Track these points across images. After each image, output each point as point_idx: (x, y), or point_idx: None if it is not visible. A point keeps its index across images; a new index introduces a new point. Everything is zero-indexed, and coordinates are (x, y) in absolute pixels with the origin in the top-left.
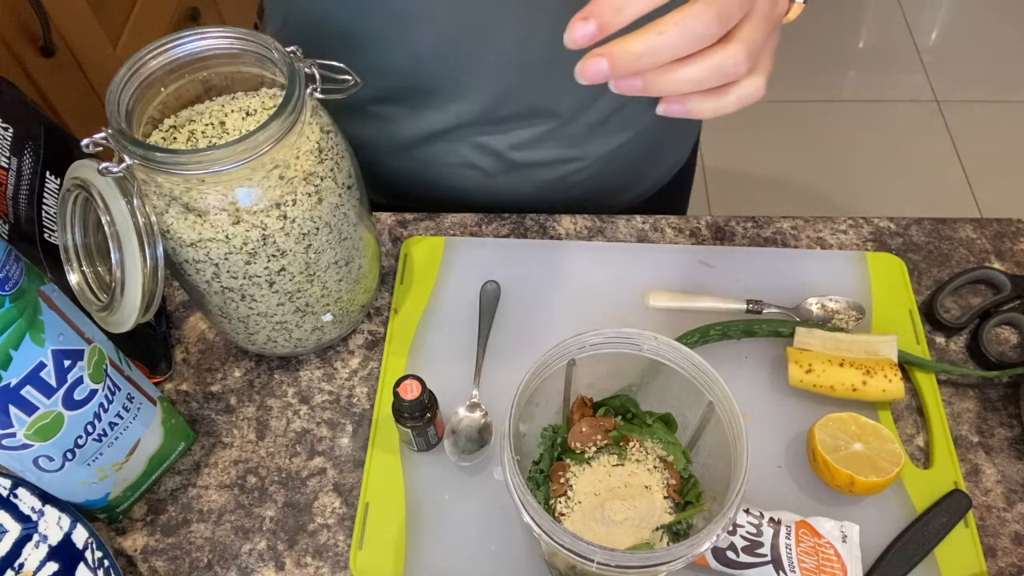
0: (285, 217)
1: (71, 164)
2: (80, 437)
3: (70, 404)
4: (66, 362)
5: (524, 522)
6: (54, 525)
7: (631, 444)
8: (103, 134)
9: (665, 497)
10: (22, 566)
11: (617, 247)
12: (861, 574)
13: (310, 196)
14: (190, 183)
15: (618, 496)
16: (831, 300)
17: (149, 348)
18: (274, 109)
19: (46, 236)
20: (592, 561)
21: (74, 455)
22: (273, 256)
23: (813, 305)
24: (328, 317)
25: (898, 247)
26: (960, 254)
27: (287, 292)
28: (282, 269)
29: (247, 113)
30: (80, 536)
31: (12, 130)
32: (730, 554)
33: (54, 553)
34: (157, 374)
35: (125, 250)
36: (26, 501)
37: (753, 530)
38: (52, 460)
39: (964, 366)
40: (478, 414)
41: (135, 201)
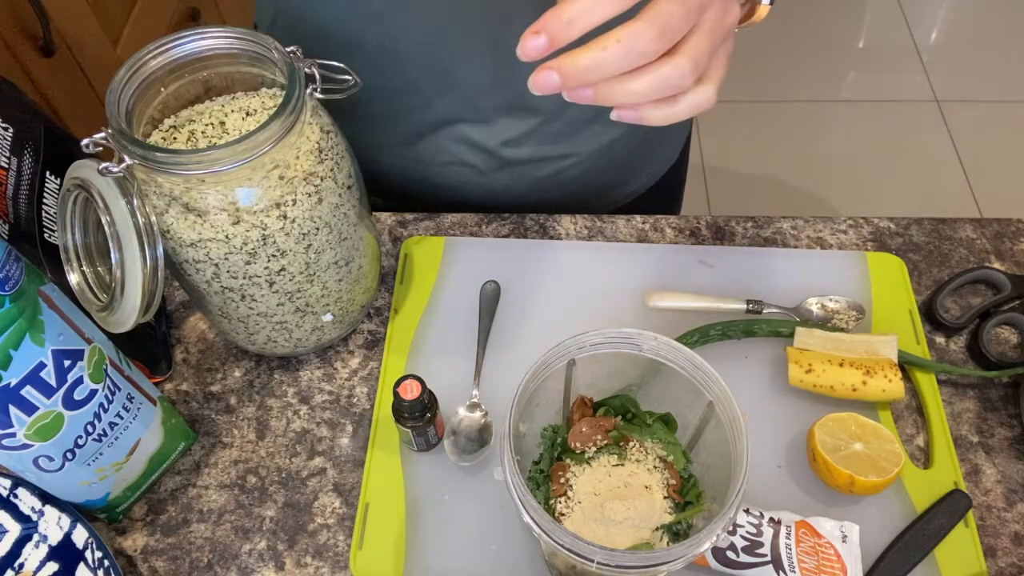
0: (285, 217)
1: (71, 164)
2: (80, 437)
3: (70, 404)
4: (66, 362)
5: (524, 522)
6: (54, 525)
7: (631, 444)
8: (103, 134)
9: (665, 497)
10: (22, 566)
11: (617, 247)
12: (861, 574)
13: (310, 196)
14: (190, 183)
15: (618, 496)
16: (831, 300)
17: (149, 348)
18: (274, 109)
19: (46, 236)
20: (592, 561)
21: (74, 455)
22: (273, 256)
23: (813, 305)
24: (328, 317)
25: (898, 247)
26: (960, 254)
27: (287, 292)
28: (282, 269)
29: (247, 113)
30: (80, 536)
31: (12, 130)
32: (730, 554)
33: (54, 553)
34: (157, 374)
35: (125, 250)
36: (26, 501)
37: (753, 530)
38: (52, 460)
39: (964, 366)
40: (478, 414)
41: (135, 201)
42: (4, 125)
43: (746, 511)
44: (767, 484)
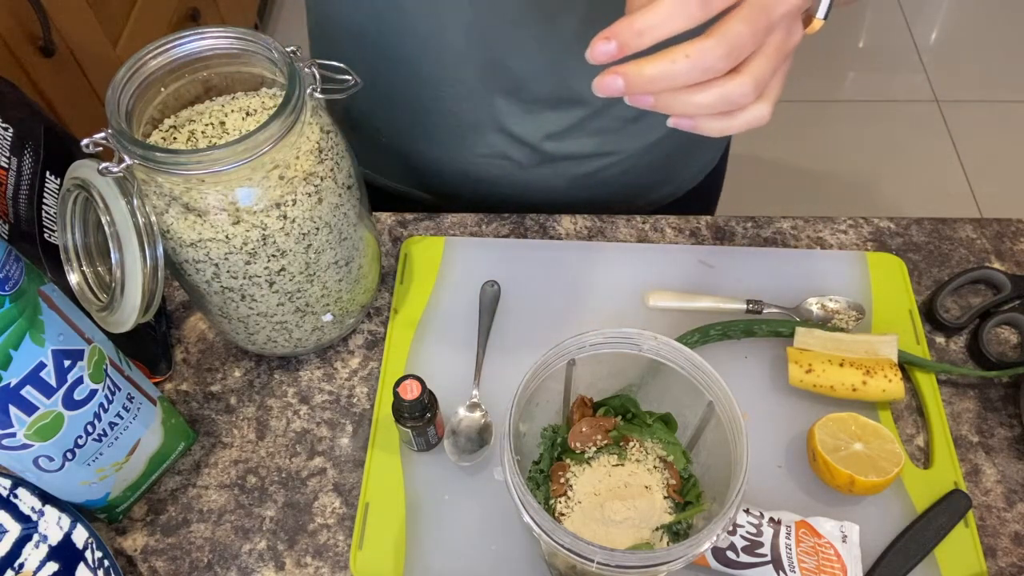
0: (285, 217)
1: (71, 164)
2: (80, 437)
3: (70, 404)
4: (66, 362)
5: (524, 522)
6: (54, 525)
7: (631, 444)
8: (103, 134)
9: (665, 497)
10: (22, 566)
11: (617, 247)
12: (861, 574)
13: (310, 196)
14: (190, 183)
15: (618, 496)
16: (831, 300)
17: (149, 348)
18: (274, 109)
19: (46, 236)
20: (592, 561)
21: (74, 455)
22: (273, 256)
23: (813, 305)
24: (328, 317)
25: (898, 247)
26: (960, 254)
27: (287, 292)
28: (282, 269)
29: (247, 113)
30: (80, 536)
31: (12, 130)
32: (730, 554)
33: (54, 553)
34: (157, 374)
35: (125, 250)
36: (26, 501)
37: (753, 530)
38: (52, 460)
39: (964, 366)
40: (478, 414)
41: (135, 201)
42: (4, 125)
43: (746, 511)
44: (767, 484)
